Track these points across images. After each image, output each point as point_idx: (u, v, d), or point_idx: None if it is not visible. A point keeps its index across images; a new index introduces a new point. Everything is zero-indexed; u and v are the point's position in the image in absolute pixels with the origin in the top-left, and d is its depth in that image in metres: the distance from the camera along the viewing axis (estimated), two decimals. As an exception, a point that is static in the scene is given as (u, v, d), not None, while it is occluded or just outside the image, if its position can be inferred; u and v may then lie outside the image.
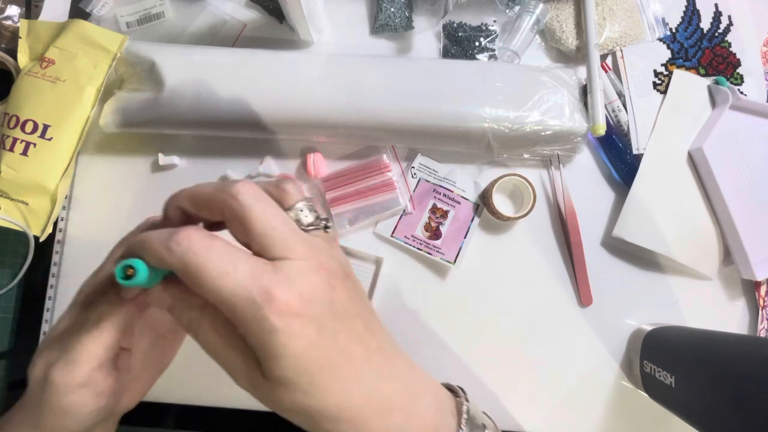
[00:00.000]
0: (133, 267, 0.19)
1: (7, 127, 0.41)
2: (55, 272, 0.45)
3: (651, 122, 0.47)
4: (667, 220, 0.45)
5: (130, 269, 0.19)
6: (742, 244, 0.43)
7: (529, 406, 0.44)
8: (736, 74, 0.49)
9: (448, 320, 0.44)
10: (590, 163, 0.47)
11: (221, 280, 0.18)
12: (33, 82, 0.42)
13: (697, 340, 0.39)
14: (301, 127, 0.43)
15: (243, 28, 0.49)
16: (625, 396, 0.44)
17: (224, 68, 0.43)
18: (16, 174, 0.41)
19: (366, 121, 0.43)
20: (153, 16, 0.48)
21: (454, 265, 0.44)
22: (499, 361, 0.44)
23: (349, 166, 0.46)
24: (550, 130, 0.43)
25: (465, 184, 0.46)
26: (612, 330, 0.45)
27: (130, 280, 0.19)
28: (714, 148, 0.45)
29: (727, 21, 0.50)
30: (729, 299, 0.46)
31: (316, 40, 0.49)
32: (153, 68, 0.42)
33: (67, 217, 0.46)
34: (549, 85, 0.44)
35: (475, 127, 0.42)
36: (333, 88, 0.42)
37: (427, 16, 0.49)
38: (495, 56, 0.47)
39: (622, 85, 0.48)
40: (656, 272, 0.46)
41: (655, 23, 0.49)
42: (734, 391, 0.32)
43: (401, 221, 0.45)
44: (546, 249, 0.46)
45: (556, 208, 0.46)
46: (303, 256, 0.20)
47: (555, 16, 0.48)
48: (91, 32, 0.43)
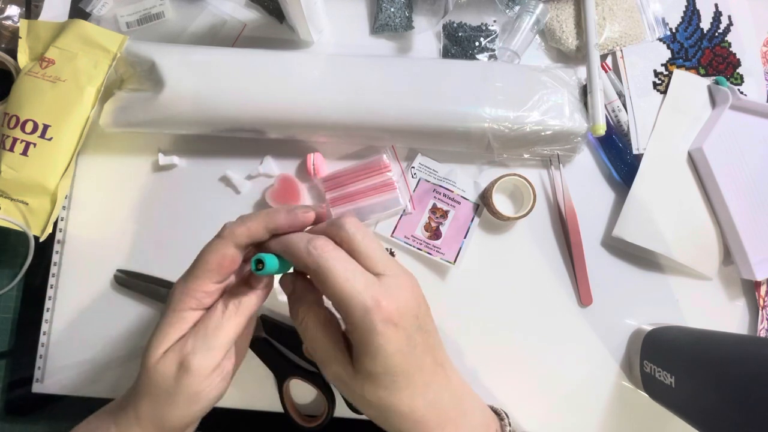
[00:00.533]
0: (263, 261, 0.24)
1: (7, 127, 0.41)
2: (55, 272, 0.45)
3: (651, 122, 0.47)
4: (667, 220, 0.45)
5: (260, 263, 0.24)
6: (742, 244, 0.43)
7: (529, 406, 0.44)
8: (736, 74, 0.49)
9: (448, 320, 0.44)
10: (590, 163, 0.47)
11: (345, 284, 0.23)
12: (33, 82, 0.42)
13: (697, 340, 0.39)
14: (301, 127, 0.43)
15: (243, 28, 0.49)
16: (625, 396, 0.44)
17: (224, 68, 0.43)
18: (16, 174, 0.41)
19: (366, 121, 0.43)
20: (153, 16, 0.48)
21: (454, 265, 0.44)
22: (498, 361, 0.44)
23: (349, 166, 0.46)
24: (550, 130, 0.43)
25: (465, 184, 0.46)
26: (612, 330, 0.45)
27: (261, 270, 0.24)
28: (714, 148, 0.45)
29: (727, 21, 0.50)
30: (729, 299, 0.46)
31: (316, 40, 0.49)
32: (153, 68, 0.42)
33: (67, 217, 0.46)
34: (549, 85, 0.44)
35: (475, 127, 0.42)
36: (333, 88, 0.42)
37: (427, 16, 0.49)
38: (495, 56, 0.47)
39: (622, 85, 0.48)
40: (656, 272, 0.46)
41: (655, 23, 0.49)
42: (734, 391, 0.32)
43: (401, 221, 0.45)
44: (546, 249, 0.46)
45: (556, 208, 0.46)
46: (396, 273, 0.26)
47: (555, 16, 0.48)
48: (91, 32, 0.43)
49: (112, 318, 0.45)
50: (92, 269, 0.45)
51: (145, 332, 0.45)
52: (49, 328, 0.44)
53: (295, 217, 0.27)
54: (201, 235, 0.46)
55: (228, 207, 0.46)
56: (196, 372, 0.25)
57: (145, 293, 0.44)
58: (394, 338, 0.23)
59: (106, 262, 0.45)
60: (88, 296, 0.45)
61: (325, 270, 0.24)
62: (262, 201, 0.46)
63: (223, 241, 0.27)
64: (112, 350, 0.44)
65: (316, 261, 0.24)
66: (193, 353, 0.25)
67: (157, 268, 0.45)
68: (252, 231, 0.27)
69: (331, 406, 0.42)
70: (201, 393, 0.26)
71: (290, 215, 0.27)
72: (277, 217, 0.27)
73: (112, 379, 0.44)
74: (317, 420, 0.43)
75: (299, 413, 0.44)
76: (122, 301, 0.45)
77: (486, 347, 0.44)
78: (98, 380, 0.44)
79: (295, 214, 0.27)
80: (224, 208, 0.46)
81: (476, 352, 0.44)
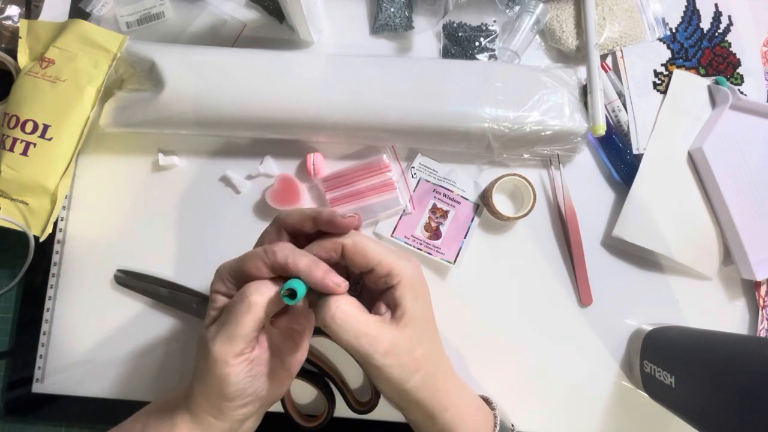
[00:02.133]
0: (294, 289, 0.26)
1: (7, 127, 0.41)
2: (55, 272, 0.45)
3: (651, 122, 0.47)
4: (667, 220, 0.45)
5: (292, 292, 0.26)
6: (742, 244, 0.43)
7: (528, 406, 0.44)
8: (736, 74, 0.49)
9: (448, 320, 0.44)
10: (590, 163, 0.47)
11: (382, 250, 0.29)
12: (33, 82, 0.42)
13: (697, 340, 0.39)
14: (301, 127, 0.43)
15: (243, 28, 0.49)
16: (625, 396, 0.44)
17: (224, 68, 0.43)
18: (16, 174, 0.41)
19: (366, 121, 0.43)
20: (153, 16, 0.48)
21: (454, 265, 0.44)
22: (498, 361, 0.44)
23: (349, 166, 0.46)
24: (550, 130, 0.43)
25: (465, 184, 0.46)
26: (612, 330, 0.45)
27: (295, 299, 0.26)
28: (714, 148, 0.45)
29: (727, 21, 0.50)
30: (729, 299, 0.46)
31: (316, 40, 0.49)
32: (153, 68, 0.42)
33: (67, 217, 0.46)
34: (549, 85, 0.44)
35: (475, 127, 0.42)
36: (333, 88, 0.42)
37: (427, 16, 0.49)
38: (495, 56, 0.47)
39: (622, 85, 0.48)
40: (656, 272, 0.46)
41: (655, 23, 0.49)
42: (734, 391, 0.32)
43: (401, 221, 0.45)
44: (546, 249, 0.46)
45: (556, 208, 0.46)
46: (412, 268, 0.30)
47: (555, 16, 0.48)
48: (91, 32, 0.43)
49: (112, 318, 0.45)
50: (92, 269, 0.45)
51: (145, 332, 0.45)
52: (49, 328, 0.44)
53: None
54: (201, 235, 0.47)
55: (228, 207, 0.46)
56: (217, 357, 0.27)
57: (145, 293, 0.44)
58: (423, 290, 0.31)
59: (106, 262, 0.45)
60: (88, 296, 0.45)
61: (361, 243, 0.29)
62: (262, 201, 0.46)
63: (264, 257, 0.27)
64: (112, 350, 0.44)
65: (353, 238, 0.29)
66: (213, 340, 0.27)
67: (157, 268, 0.45)
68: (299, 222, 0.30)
69: (331, 406, 0.42)
70: (229, 376, 0.27)
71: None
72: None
73: (112, 379, 0.44)
74: (317, 420, 0.43)
75: (299, 413, 0.44)
76: (122, 301, 0.45)
77: (486, 347, 0.44)
78: (98, 380, 0.44)
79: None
80: (224, 208, 0.46)
81: (476, 352, 0.44)
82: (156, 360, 0.44)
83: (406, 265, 0.29)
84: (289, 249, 0.27)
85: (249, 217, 0.46)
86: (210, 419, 0.28)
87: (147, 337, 0.44)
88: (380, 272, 0.29)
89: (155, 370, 0.44)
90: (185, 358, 0.45)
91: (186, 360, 0.45)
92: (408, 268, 0.29)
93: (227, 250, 0.45)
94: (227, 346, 0.27)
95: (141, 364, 0.44)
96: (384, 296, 0.30)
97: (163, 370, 0.44)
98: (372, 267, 0.29)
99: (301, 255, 0.27)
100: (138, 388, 0.44)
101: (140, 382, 0.44)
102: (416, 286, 0.30)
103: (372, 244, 0.29)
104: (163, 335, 0.45)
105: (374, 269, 0.29)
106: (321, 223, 0.29)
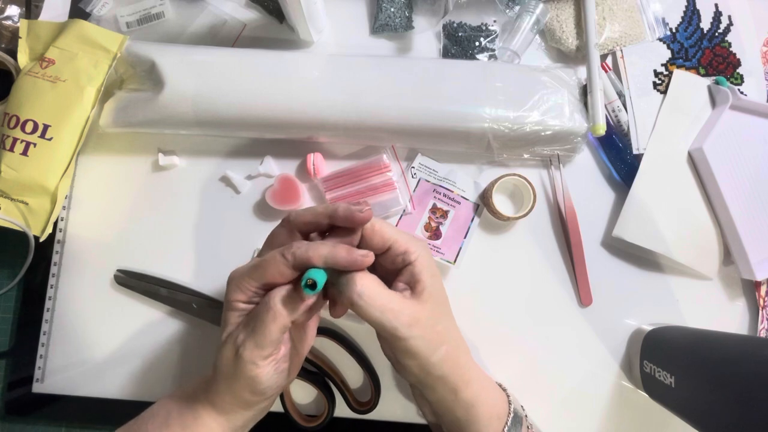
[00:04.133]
0: (315, 279, 0.26)
1: (7, 127, 0.41)
2: (55, 272, 0.45)
3: (651, 122, 0.47)
4: (667, 220, 0.45)
5: (313, 282, 0.26)
6: (742, 244, 0.43)
7: (528, 406, 0.44)
8: (736, 74, 0.49)
9: (448, 320, 0.44)
10: (590, 163, 0.47)
11: (400, 232, 0.31)
12: (33, 82, 0.42)
13: (697, 340, 0.39)
14: (301, 127, 0.43)
15: (243, 28, 0.49)
16: (625, 396, 0.44)
17: (224, 68, 0.43)
18: (16, 174, 0.41)
19: (366, 121, 0.43)
20: (153, 16, 0.48)
21: (454, 265, 0.44)
22: (498, 361, 0.44)
23: (349, 166, 0.46)
24: (550, 130, 0.43)
25: (465, 184, 0.46)
26: (612, 330, 0.45)
27: (314, 289, 0.26)
28: (714, 148, 0.45)
29: (727, 21, 0.50)
30: (729, 299, 0.46)
31: (316, 40, 0.49)
32: (153, 68, 0.42)
33: (67, 217, 0.46)
34: (549, 85, 0.44)
35: (475, 127, 0.42)
36: (333, 88, 0.42)
37: (427, 16, 0.49)
38: (495, 56, 0.47)
39: (622, 85, 0.48)
40: (656, 272, 0.46)
41: (655, 23, 0.49)
42: (734, 391, 0.32)
43: (401, 221, 0.45)
44: (546, 249, 0.46)
45: (556, 208, 0.46)
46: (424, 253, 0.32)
47: (555, 16, 0.48)
48: (91, 32, 0.43)
49: (112, 318, 0.45)
50: (92, 269, 0.45)
51: (145, 332, 0.45)
52: (49, 328, 0.45)
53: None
54: (201, 235, 0.47)
55: (228, 207, 0.46)
56: (248, 360, 0.28)
57: (145, 293, 0.44)
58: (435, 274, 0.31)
59: (106, 262, 0.45)
60: (88, 296, 0.45)
61: (379, 224, 0.30)
62: (262, 201, 0.46)
63: (284, 260, 0.28)
64: (112, 350, 0.44)
65: (372, 222, 0.30)
66: (243, 346, 0.28)
67: (157, 268, 0.45)
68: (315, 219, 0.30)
69: (331, 406, 0.42)
70: (259, 377, 0.28)
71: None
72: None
73: (112, 379, 0.44)
74: (317, 420, 0.43)
75: (299, 413, 0.44)
76: (122, 301, 0.45)
77: (486, 347, 0.44)
78: (98, 380, 0.44)
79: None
80: (224, 208, 0.46)
81: (475, 352, 0.44)
82: (156, 360, 0.44)
83: (420, 244, 0.31)
84: (305, 244, 0.28)
85: (249, 217, 0.46)
86: (236, 409, 0.30)
87: (147, 337, 0.44)
88: (398, 249, 0.30)
89: (155, 369, 0.44)
90: (185, 357, 0.45)
91: (186, 359, 0.45)
92: (422, 247, 0.31)
93: (227, 250, 0.46)
94: (257, 351, 0.28)
95: (141, 364, 0.44)
96: (401, 275, 0.31)
97: (163, 369, 0.44)
98: (389, 245, 0.30)
99: (320, 244, 0.28)
100: (138, 387, 0.44)
101: (140, 382, 0.44)
102: (432, 264, 0.31)
103: (387, 225, 0.31)
104: (162, 335, 0.45)
105: (391, 247, 0.30)
106: (338, 219, 0.29)
